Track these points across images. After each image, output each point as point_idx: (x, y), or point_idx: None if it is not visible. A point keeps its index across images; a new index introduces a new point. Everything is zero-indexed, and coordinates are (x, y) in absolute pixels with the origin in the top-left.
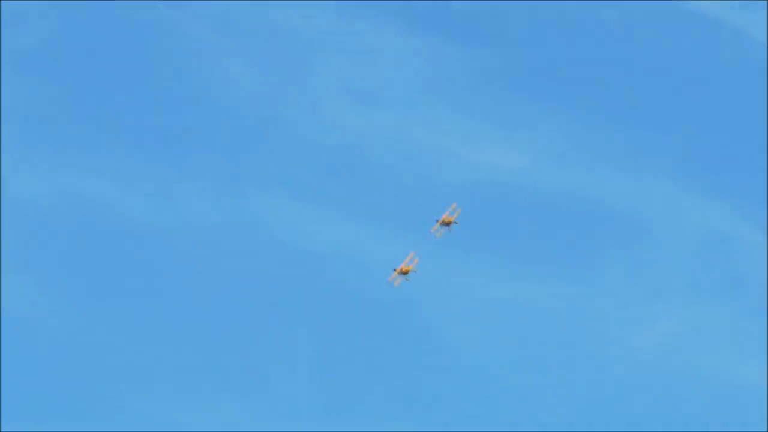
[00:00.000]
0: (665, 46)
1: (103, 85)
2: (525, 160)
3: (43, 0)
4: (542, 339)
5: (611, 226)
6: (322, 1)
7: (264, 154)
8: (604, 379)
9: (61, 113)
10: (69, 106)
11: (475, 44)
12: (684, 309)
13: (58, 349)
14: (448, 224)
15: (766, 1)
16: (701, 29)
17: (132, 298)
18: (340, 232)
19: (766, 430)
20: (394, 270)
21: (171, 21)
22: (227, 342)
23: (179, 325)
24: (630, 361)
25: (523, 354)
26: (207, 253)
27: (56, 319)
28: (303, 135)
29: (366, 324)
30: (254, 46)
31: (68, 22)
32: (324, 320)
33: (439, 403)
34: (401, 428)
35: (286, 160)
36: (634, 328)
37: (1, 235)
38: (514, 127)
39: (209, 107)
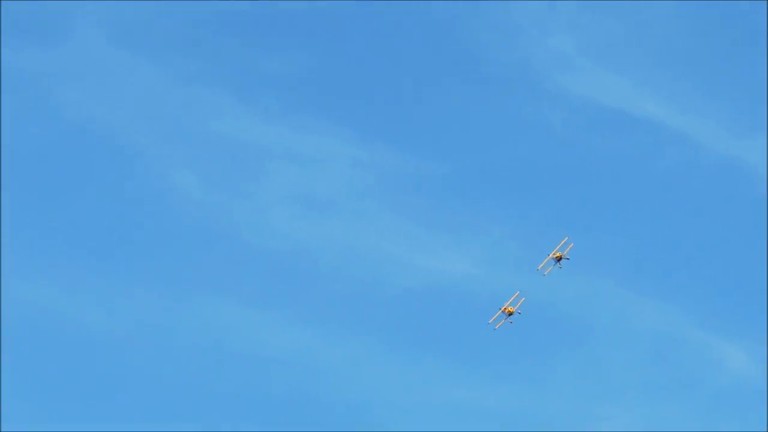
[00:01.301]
0: (609, 149)
1: (52, 195)
2: (473, 266)
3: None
4: None
5: (560, 328)
6: (270, 110)
7: (213, 262)
8: None
9: (13, 224)
10: (19, 217)
11: (422, 152)
12: (634, 409)
13: None
14: (559, 259)
15: (766, 2)
16: (645, 133)
17: (80, 404)
18: (290, 338)
19: (766, 430)
20: (501, 309)
21: (119, 131)
22: None
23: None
24: None
25: None
26: (157, 361)
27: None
28: (252, 242)
29: (317, 428)
30: (203, 156)
31: (19, 132)
32: (273, 424)
33: None
34: None
35: (235, 267)
36: (584, 428)
37: None
38: (461, 234)
39: (158, 216)
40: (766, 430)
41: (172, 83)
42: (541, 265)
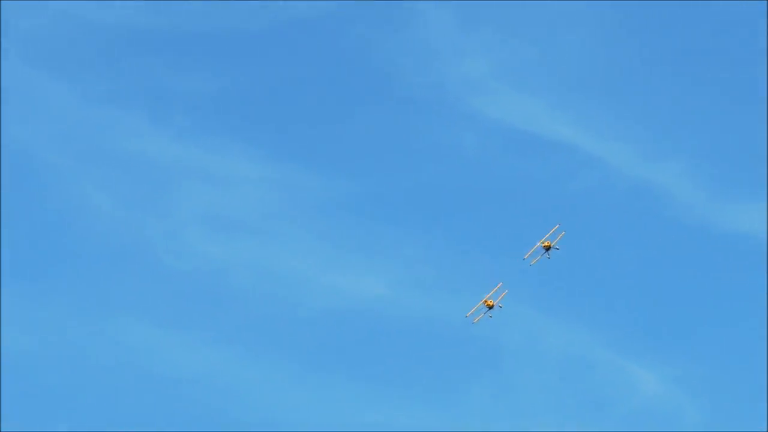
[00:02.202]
0: (523, 171)
1: None
2: (386, 287)
3: None
4: None
5: (473, 350)
6: (182, 129)
7: (126, 281)
8: None
9: None
10: None
11: (335, 173)
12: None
13: None
14: (548, 249)
15: (766, 2)
16: (558, 156)
17: None
18: (202, 359)
19: (766, 430)
20: (481, 301)
21: (32, 150)
22: None
23: None
24: None
25: None
26: (69, 381)
27: None
28: (165, 262)
29: None
30: (116, 175)
31: None
32: None
33: None
34: None
35: (148, 286)
36: None
37: None
38: (373, 254)
39: (71, 235)
40: (766, 430)
41: (84, 102)
42: (528, 254)
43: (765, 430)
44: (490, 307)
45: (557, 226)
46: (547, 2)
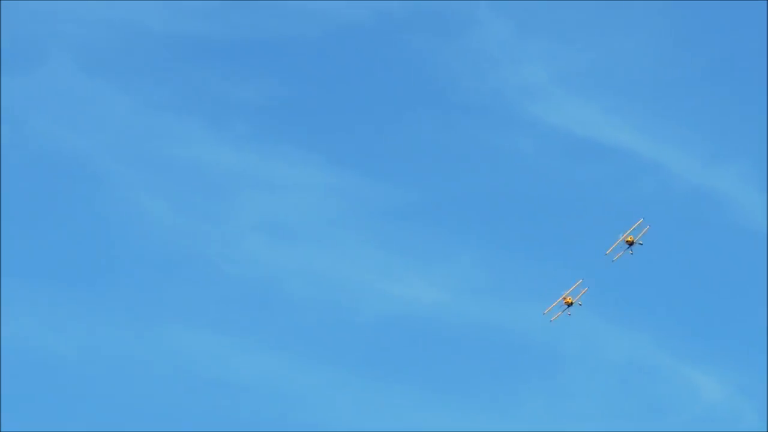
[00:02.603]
0: (582, 177)
1: (23, 222)
2: (443, 294)
3: None
4: None
5: (530, 358)
6: (240, 137)
7: (184, 289)
8: None
9: None
10: None
11: (393, 180)
12: None
13: None
14: (631, 244)
15: (766, 1)
16: (617, 161)
17: None
18: (260, 366)
19: (766, 430)
20: (560, 298)
21: (90, 159)
22: None
23: None
24: None
25: None
26: (129, 388)
27: None
28: (223, 269)
29: None
30: (173, 183)
31: None
32: None
33: None
34: None
35: (206, 294)
36: None
37: None
38: (431, 261)
39: (130, 243)
40: (766, 430)
41: (142, 111)
42: (610, 250)
43: (765, 430)
44: (570, 305)
45: (641, 220)
46: (603, 7)
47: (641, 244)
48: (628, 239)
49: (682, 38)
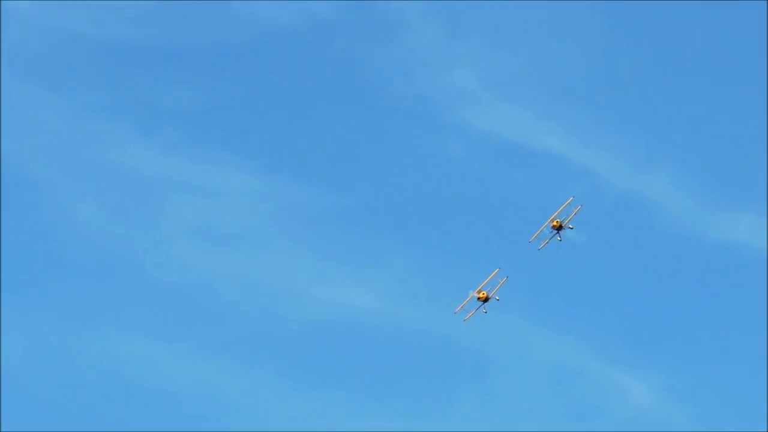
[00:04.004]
0: (511, 182)
1: None
2: (375, 299)
3: None
4: None
5: (460, 362)
6: (171, 142)
7: (115, 294)
8: None
9: None
10: None
11: (323, 185)
12: None
13: None
14: (559, 228)
15: (766, 2)
16: (546, 166)
17: None
18: (192, 371)
19: (766, 430)
20: (472, 293)
21: (21, 163)
22: None
23: None
24: None
25: None
26: (58, 393)
27: None
28: (154, 274)
29: None
30: (105, 188)
31: None
32: None
33: None
34: None
35: (137, 299)
36: None
37: None
38: (363, 266)
39: (60, 247)
40: (766, 430)
41: (73, 115)
42: (534, 236)
43: (765, 430)
44: (485, 300)
45: (570, 199)
46: (533, 10)
47: (571, 228)
48: (555, 223)
49: (612, 41)
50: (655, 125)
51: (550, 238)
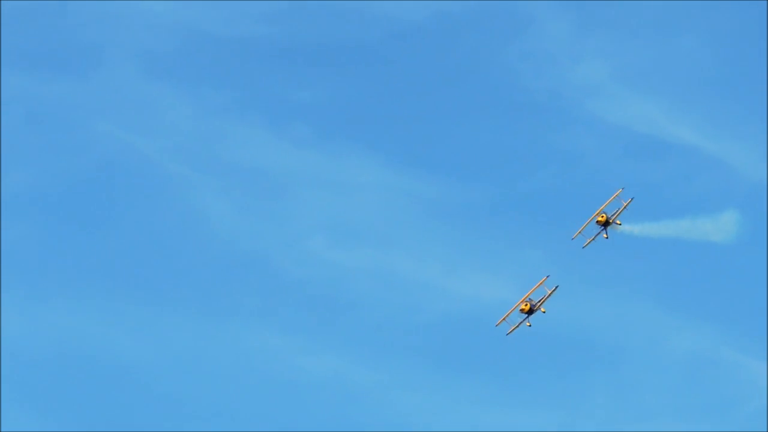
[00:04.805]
0: (643, 175)
1: (86, 225)
2: (506, 292)
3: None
4: None
5: (593, 352)
6: (302, 138)
7: (248, 290)
8: None
9: (53, 254)
10: (57, 247)
11: (453, 178)
12: None
13: None
14: (605, 224)
15: (766, 2)
16: (678, 158)
17: None
18: (325, 365)
19: (766, 430)
20: (515, 305)
21: (152, 162)
22: None
23: None
24: None
25: None
26: (193, 389)
27: None
28: (286, 270)
29: None
30: (235, 184)
31: (53, 164)
32: None
33: None
34: None
35: (269, 294)
36: None
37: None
38: (495, 260)
39: (193, 245)
40: (766, 430)
41: (204, 113)
42: (578, 233)
43: (765, 430)
44: (529, 313)
45: (620, 190)
46: (663, 3)
47: (619, 224)
48: (600, 218)
49: (743, 31)
50: None
51: (596, 236)
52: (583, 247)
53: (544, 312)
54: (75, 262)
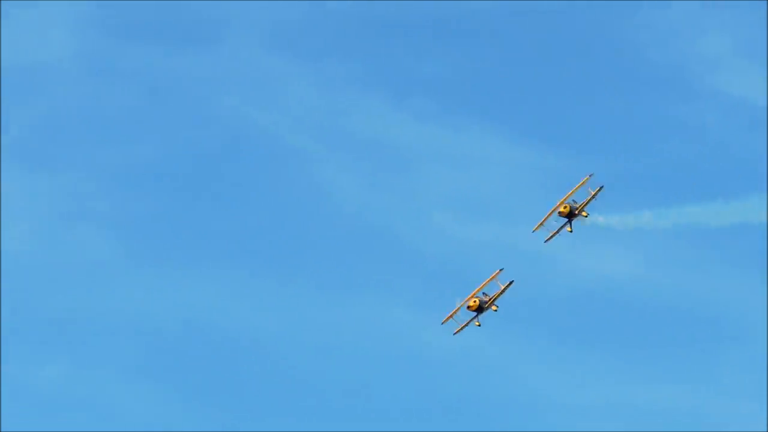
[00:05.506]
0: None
1: (212, 200)
2: (636, 265)
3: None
4: None
5: (723, 327)
6: (425, 111)
7: (373, 264)
8: None
9: (177, 228)
10: (179, 222)
11: (575, 151)
12: None
13: None
14: (569, 216)
15: (766, 2)
16: None
17: (245, 411)
18: (453, 339)
19: (766, 430)
20: (466, 301)
21: (276, 135)
22: None
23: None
24: None
25: None
26: (319, 364)
27: None
28: (410, 243)
29: (486, 428)
30: (358, 157)
31: (175, 137)
32: (440, 424)
33: None
34: None
35: (395, 268)
36: (749, 425)
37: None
38: (623, 234)
39: (315, 219)
40: (766, 430)
41: (327, 87)
42: (538, 226)
43: (765, 430)
44: (478, 311)
45: (587, 177)
46: None
47: (585, 215)
48: (563, 209)
49: None
50: None
51: (559, 230)
52: (545, 242)
53: (495, 310)
54: (199, 236)
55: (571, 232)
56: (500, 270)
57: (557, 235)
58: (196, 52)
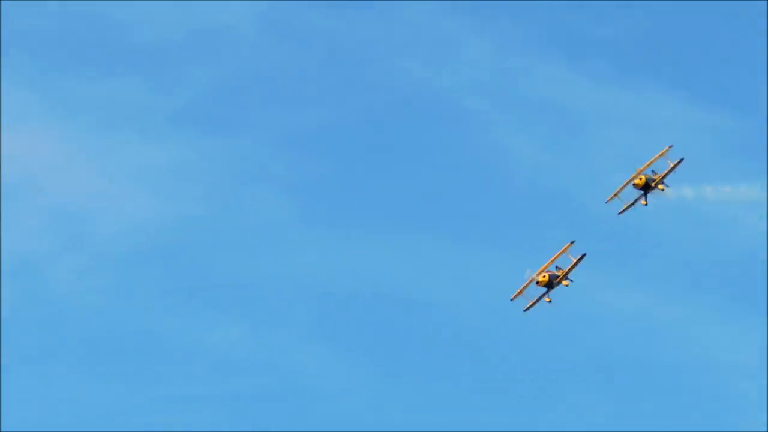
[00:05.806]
0: None
1: (386, 163)
2: None
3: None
4: None
5: None
6: (602, 74)
7: (549, 228)
8: None
9: (351, 191)
10: (353, 185)
11: (755, 114)
12: None
13: None
14: (645, 188)
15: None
16: None
17: (420, 371)
18: (628, 300)
19: (766, 430)
20: (535, 277)
21: (450, 98)
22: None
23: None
24: None
25: None
26: (499, 329)
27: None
28: (587, 206)
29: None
30: (536, 120)
31: (349, 98)
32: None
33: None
34: None
35: (571, 231)
36: None
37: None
38: None
39: (492, 181)
40: (766, 430)
41: (503, 49)
42: (612, 196)
43: (765, 430)
44: (549, 286)
45: (668, 147)
46: None
47: (662, 189)
48: (638, 181)
49: None
50: None
51: (634, 201)
52: (619, 214)
53: (567, 285)
54: (374, 198)
55: (646, 205)
56: (572, 242)
57: (632, 207)
58: (373, 15)
